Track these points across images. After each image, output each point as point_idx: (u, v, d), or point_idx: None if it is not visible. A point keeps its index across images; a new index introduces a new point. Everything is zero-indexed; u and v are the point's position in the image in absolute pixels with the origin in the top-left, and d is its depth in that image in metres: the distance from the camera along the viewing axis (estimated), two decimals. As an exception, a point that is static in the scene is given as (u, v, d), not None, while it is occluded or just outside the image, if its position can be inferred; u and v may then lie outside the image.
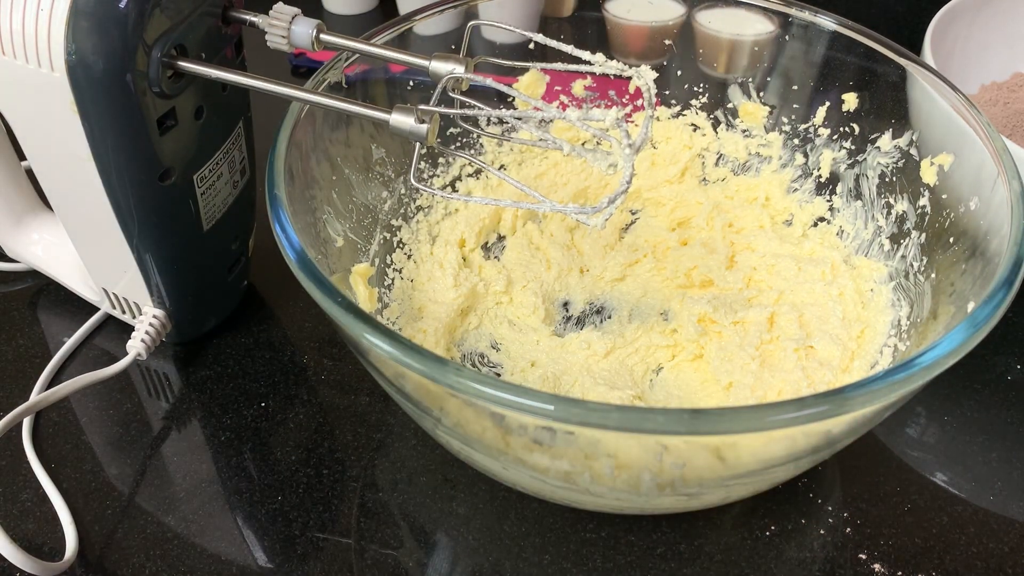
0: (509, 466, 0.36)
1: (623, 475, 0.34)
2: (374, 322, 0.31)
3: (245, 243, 0.51)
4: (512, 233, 0.55)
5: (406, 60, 0.40)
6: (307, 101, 0.37)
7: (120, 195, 0.40)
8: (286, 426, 0.46)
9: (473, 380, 0.29)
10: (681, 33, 0.55)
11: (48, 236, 0.52)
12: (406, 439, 0.46)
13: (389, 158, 0.51)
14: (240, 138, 0.46)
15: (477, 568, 0.40)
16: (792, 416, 0.28)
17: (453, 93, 0.38)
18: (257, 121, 0.48)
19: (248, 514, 0.42)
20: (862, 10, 0.81)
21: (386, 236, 0.51)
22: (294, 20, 0.39)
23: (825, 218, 0.53)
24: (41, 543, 0.41)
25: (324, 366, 0.50)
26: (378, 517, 0.42)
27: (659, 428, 0.28)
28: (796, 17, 0.51)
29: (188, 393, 0.48)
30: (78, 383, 0.44)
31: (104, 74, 0.35)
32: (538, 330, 0.49)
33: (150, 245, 0.43)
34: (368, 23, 0.86)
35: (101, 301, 0.50)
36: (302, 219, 0.39)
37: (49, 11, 0.34)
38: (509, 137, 0.53)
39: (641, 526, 0.42)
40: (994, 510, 0.43)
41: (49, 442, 0.46)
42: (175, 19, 0.37)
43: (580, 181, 0.57)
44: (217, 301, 0.51)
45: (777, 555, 0.41)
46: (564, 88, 0.57)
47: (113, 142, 0.38)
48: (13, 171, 0.50)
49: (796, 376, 0.44)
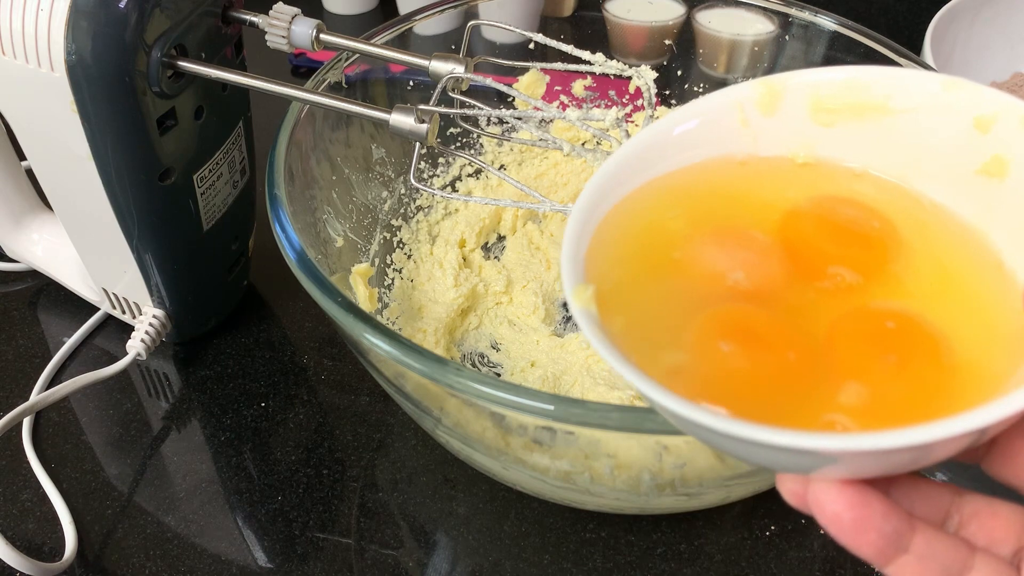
0: (509, 466, 0.36)
1: (623, 475, 0.33)
2: (374, 322, 0.31)
3: (245, 243, 0.51)
4: (512, 233, 0.55)
5: (406, 60, 0.40)
6: (307, 101, 0.37)
7: (120, 195, 0.40)
8: (286, 426, 0.46)
9: (473, 380, 0.29)
10: (681, 33, 0.55)
11: (48, 236, 0.52)
12: (406, 439, 0.46)
13: (389, 158, 0.51)
14: (240, 138, 0.46)
15: (477, 568, 0.40)
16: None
17: (453, 93, 0.38)
18: (257, 121, 0.48)
19: (248, 514, 0.42)
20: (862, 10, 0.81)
21: (386, 236, 0.51)
22: (294, 20, 0.39)
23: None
24: (41, 543, 0.41)
25: (324, 366, 0.50)
26: (378, 517, 0.42)
27: (659, 428, 0.28)
28: (796, 17, 0.51)
29: (188, 393, 0.48)
30: (78, 383, 0.44)
31: (104, 74, 0.35)
32: (538, 330, 0.49)
33: (150, 245, 0.43)
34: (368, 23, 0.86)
35: (101, 301, 0.50)
36: (302, 219, 0.39)
37: (49, 11, 0.34)
38: (509, 137, 0.53)
39: (641, 526, 0.42)
40: (994, 510, 0.43)
41: (49, 442, 0.46)
42: (175, 19, 0.37)
43: (580, 181, 0.57)
44: (217, 301, 0.51)
45: (777, 555, 0.41)
46: (564, 88, 0.57)
47: (113, 142, 0.38)
48: (13, 171, 0.50)
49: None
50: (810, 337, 0.22)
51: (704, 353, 0.22)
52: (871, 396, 0.21)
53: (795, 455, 0.19)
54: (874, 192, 0.26)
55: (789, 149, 0.27)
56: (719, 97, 0.27)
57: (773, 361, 0.22)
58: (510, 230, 0.55)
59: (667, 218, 0.26)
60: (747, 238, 0.25)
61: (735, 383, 0.21)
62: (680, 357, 0.22)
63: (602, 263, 0.25)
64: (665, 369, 0.22)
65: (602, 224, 0.26)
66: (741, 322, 0.23)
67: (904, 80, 0.25)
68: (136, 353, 0.46)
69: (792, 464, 0.20)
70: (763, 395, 0.21)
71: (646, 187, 0.27)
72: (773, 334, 0.23)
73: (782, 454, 0.19)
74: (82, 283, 0.51)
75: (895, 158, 0.26)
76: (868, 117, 0.26)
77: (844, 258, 0.24)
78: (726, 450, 0.22)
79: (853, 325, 0.23)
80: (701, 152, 0.27)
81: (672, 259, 0.25)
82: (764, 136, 0.27)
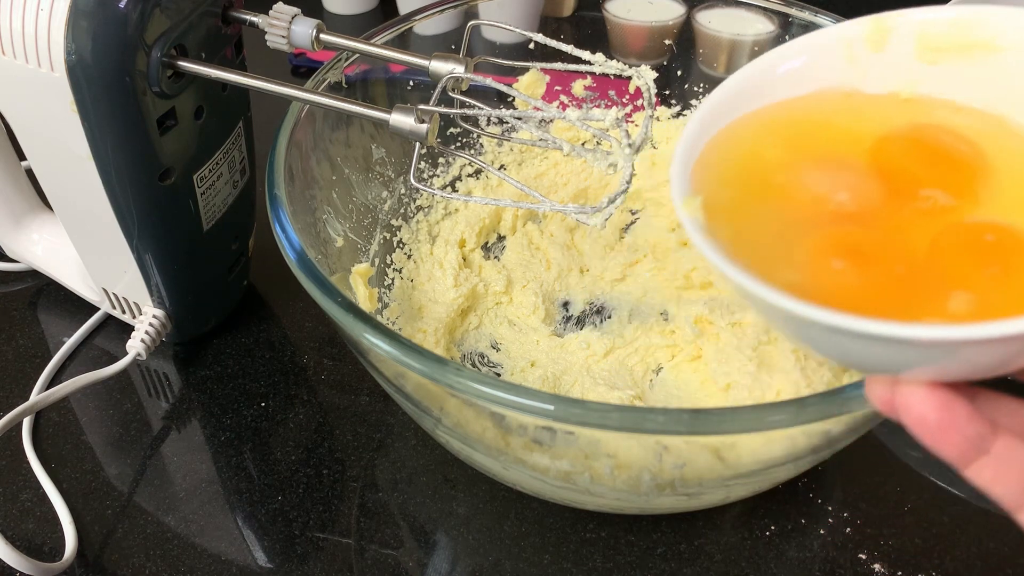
0: (509, 466, 0.36)
1: (623, 475, 0.34)
2: (374, 322, 0.31)
3: (245, 243, 0.51)
4: (512, 233, 0.55)
5: (406, 60, 0.40)
6: (307, 101, 0.37)
7: (120, 195, 0.40)
8: (286, 426, 0.46)
9: (473, 380, 0.29)
10: (681, 33, 0.55)
11: (48, 236, 0.52)
12: (406, 439, 0.46)
13: (389, 158, 0.51)
14: (240, 138, 0.46)
15: (477, 568, 0.40)
16: (792, 416, 0.28)
17: (453, 93, 0.38)
18: (257, 121, 0.48)
19: (248, 514, 0.42)
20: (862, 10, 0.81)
21: (386, 236, 0.51)
22: (294, 20, 0.39)
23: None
24: (41, 543, 0.41)
25: (324, 366, 0.50)
26: (378, 517, 0.42)
27: (659, 428, 0.28)
28: (796, 17, 0.50)
29: (188, 393, 0.48)
30: (78, 383, 0.44)
31: (104, 74, 0.35)
32: (538, 330, 0.49)
33: (150, 245, 0.43)
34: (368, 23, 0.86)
35: (101, 301, 0.50)
36: (302, 219, 0.39)
37: (49, 11, 0.34)
38: (509, 137, 0.53)
39: (641, 526, 0.42)
40: (994, 510, 0.43)
41: (49, 442, 0.46)
42: (175, 19, 0.37)
43: (580, 181, 0.57)
44: (217, 301, 0.51)
45: (777, 555, 0.41)
46: (564, 88, 0.57)
47: (113, 142, 0.38)
48: (13, 171, 0.50)
49: (795, 376, 0.44)
50: (914, 253, 0.24)
51: (816, 269, 0.24)
52: (978, 302, 0.22)
53: (908, 349, 0.21)
54: (973, 123, 0.27)
55: (894, 86, 0.28)
56: (828, 35, 0.28)
57: (882, 275, 0.23)
58: (510, 230, 0.55)
59: (766, 146, 0.28)
60: (845, 165, 0.27)
61: (846, 296, 0.23)
62: (791, 272, 0.24)
63: (707, 183, 0.26)
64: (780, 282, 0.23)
65: (704, 152, 0.27)
66: (851, 241, 0.25)
67: (1014, 18, 0.26)
68: (136, 353, 0.46)
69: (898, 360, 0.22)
70: (874, 306, 0.22)
71: (745, 119, 0.28)
72: (881, 251, 0.24)
73: (895, 349, 0.21)
74: (82, 283, 0.51)
75: (997, 93, 0.27)
76: (974, 55, 0.27)
77: (937, 180, 0.25)
78: (834, 353, 0.24)
79: (953, 239, 0.24)
80: (804, 88, 0.29)
81: (775, 183, 0.27)
82: (870, 73, 0.28)
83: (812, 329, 0.22)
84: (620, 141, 0.32)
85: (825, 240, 0.24)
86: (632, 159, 0.32)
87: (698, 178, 0.27)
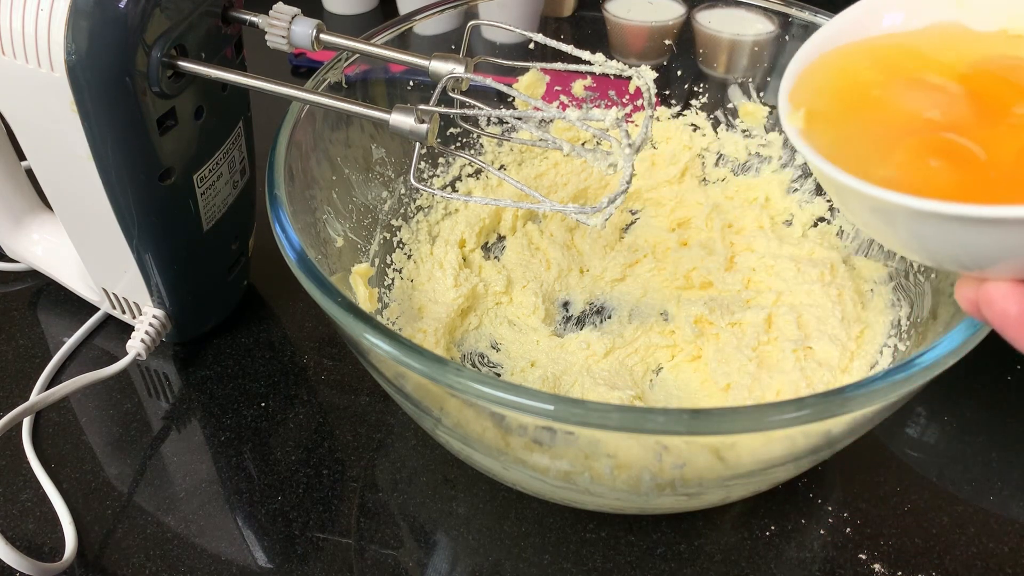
0: (509, 466, 0.36)
1: (623, 475, 0.33)
2: (374, 322, 0.31)
3: (245, 243, 0.51)
4: (512, 233, 0.55)
5: (406, 60, 0.40)
6: (307, 101, 0.37)
7: (120, 195, 0.40)
8: (286, 426, 0.46)
9: (473, 380, 0.29)
10: (681, 33, 0.55)
11: (48, 236, 0.52)
12: (406, 439, 0.46)
13: (389, 158, 0.51)
14: (240, 138, 0.46)
15: (477, 568, 0.40)
16: (792, 416, 0.28)
17: (453, 93, 0.38)
18: (257, 121, 0.48)
19: (248, 514, 0.42)
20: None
21: (386, 236, 0.51)
22: (294, 20, 0.39)
23: (825, 218, 0.53)
24: (41, 543, 0.41)
25: (324, 366, 0.50)
26: (378, 517, 0.42)
27: (659, 428, 0.28)
28: (796, 17, 0.51)
29: (188, 393, 0.48)
30: (78, 383, 0.44)
31: (104, 74, 0.35)
32: (538, 330, 0.49)
33: (150, 245, 0.43)
34: (368, 23, 0.86)
35: (101, 301, 0.50)
36: (302, 219, 0.39)
37: (49, 11, 0.34)
38: (509, 137, 0.53)
39: (641, 526, 0.42)
40: (994, 510, 0.43)
41: (49, 442, 0.46)
42: (175, 19, 0.37)
43: (580, 181, 0.57)
44: (217, 301, 0.51)
45: (777, 555, 0.41)
46: (564, 88, 0.57)
47: (113, 142, 0.38)
48: (13, 171, 0.50)
49: (795, 377, 0.44)
50: (1004, 160, 0.25)
51: (914, 168, 0.26)
52: None
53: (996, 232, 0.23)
54: None
55: (1004, 22, 0.30)
56: None
57: (977, 177, 0.25)
58: (510, 230, 0.55)
59: (863, 69, 0.30)
60: (938, 85, 0.29)
61: (940, 190, 0.24)
62: (890, 171, 0.26)
63: (808, 97, 0.30)
64: (876, 179, 0.25)
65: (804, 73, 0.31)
66: (947, 144, 0.26)
67: None
68: (136, 353, 0.46)
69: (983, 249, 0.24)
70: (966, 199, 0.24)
71: (845, 48, 0.31)
72: (974, 156, 0.26)
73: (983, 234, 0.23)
74: (82, 283, 0.51)
75: None
76: None
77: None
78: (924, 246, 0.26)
79: None
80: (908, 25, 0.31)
81: (872, 96, 0.29)
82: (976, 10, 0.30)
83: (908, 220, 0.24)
84: (620, 141, 0.32)
85: (922, 143, 0.26)
86: (632, 159, 0.32)
87: (799, 93, 0.30)
